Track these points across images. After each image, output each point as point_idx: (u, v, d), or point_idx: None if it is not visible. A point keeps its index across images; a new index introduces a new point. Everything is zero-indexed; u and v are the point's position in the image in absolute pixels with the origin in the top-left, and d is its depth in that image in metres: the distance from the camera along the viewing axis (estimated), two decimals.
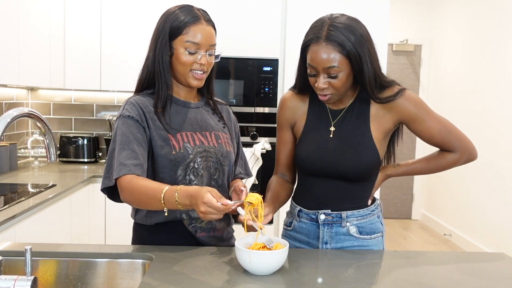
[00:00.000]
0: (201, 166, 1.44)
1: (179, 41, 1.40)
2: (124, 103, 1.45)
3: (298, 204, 1.58)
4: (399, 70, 5.76)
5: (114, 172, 1.33)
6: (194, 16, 1.41)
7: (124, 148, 1.35)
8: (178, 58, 1.41)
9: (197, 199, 1.18)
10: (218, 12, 3.13)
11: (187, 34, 1.39)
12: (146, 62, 1.46)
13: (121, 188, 1.32)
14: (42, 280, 1.33)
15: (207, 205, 1.16)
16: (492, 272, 1.34)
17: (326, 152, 1.49)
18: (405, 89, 1.47)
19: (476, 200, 4.55)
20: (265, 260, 1.20)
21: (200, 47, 1.41)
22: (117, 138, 1.38)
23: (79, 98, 3.53)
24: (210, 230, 1.49)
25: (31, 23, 2.74)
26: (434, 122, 1.48)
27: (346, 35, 1.35)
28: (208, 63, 1.44)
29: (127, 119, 1.39)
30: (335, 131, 1.50)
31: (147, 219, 1.45)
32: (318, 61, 1.37)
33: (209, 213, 1.17)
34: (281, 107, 1.61)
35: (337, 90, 1.41)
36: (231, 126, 1.62)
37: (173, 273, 1.21)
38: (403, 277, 1.28)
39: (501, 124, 4.14)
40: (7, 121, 1.12)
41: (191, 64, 1.41)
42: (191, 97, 1.52)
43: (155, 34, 1.44)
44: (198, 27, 1.40)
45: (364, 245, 1.52)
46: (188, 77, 1.43)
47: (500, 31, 4.21)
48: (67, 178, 2.79)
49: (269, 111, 3.19)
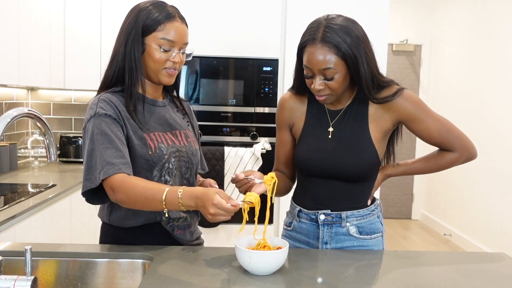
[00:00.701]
0: (174, 166, 1.44)
1: (153, 38, 1.37)
2: (92, 103, 1.38)
3: (298, 204, 1.58)
4: (399, 70, 5.76)
5: (100, 172, 1.27)
6: (168, 13, 1.38)
7: (107, 147, 1.30)
8: (151, 54, 1.38)
9: (205, 201, 1.17)
10: (218, 12, 3.13)
11: (162, 31, 1.36)
12: (114, 57, 1.41)
13: (113, 188, 1.27)
14: (42, 280, 1.33)
15: (217, 206, 1.15)
16: (492, 272, 1.34)
17: (325, 153, 1.49)
18: (403, 89, 1.47)
19: (476, 200, 4.55)
20: (265, 260, 1.20)
21: (174, 45, 1.38)
22: (96, 137, 1.31)
23: (79, 98, 3.53)
24: (186, 226, 1.50)
25: (31, 23, 2.74)
26: (433, 121, 1.48)
27: (342, 36, 1.34)
28: (181, 61, 1.42)
29: (104, 117, 1.33)
30: (333, 131, 1.50)
31: (124, 221, 1.42)
32: (314, 63, 1.36)
33: (218, 215, 1.17)
34: (279, 108, 1.62)
35: (334, 91, 1.40)
36: (193, 123, 1.61)
37: (173, 273, 1.21)
38: (403, 277, 1.28)
39: (501, 124, 4.14)
40: (7, 121, 1.13)
41: (164, 62, 1.39)
42: (158, 95, 1.50)
43: (125, 29, 1.39)
44: (173, 24, 1.38)
45: (364, 245, 1.52)
46: (161, 74, 1.41)
47: (500, 31, 4.21)
48: (67, 178, 2.78)
49: (269, 111, 3.19)
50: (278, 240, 1.31)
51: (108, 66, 1.43)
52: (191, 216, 1.52)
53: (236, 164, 3.09)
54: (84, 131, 1.37)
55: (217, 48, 3.11)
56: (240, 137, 3.22)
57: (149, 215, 1.41)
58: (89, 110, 1.37)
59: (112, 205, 1.43)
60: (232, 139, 3.21)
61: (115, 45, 1.42)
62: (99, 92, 1.43)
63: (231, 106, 3.19)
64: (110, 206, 1.44)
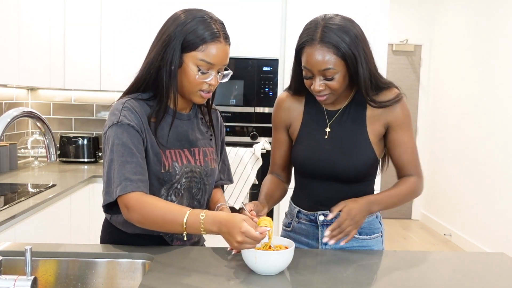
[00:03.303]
0: (184, 186, 1.38)
1: (192, 57, 1.27)
2: (115, 108, 1.30)
3: (297, 205, 1.58)
4: (399, 70, 5.76)
5: (118, 187, 1.22)
6: (213, 32, 1.27)
7: (127, 161, 1.23)
8: (187, 74, 1.28)
9: (231, 228, 1.13)
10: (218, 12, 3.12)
11: (203, 52, 1.26)
12: (148, 64, 1.32)
13: (128, 207, 1.21)
14: (42, 280, 1.33)
15: (245, 235, 1.12)
16: (492, 272, 1.34)
17: (322, 153, 1.48)
18: (402, 97, 1.47)
19: (476, 200, 4.55)
20: (270, 260, 1.20)
21: (213, 67, 1.29)
22: (116, 147, 1.25)
23: (79, 98, 3.53)
24: (187, 240, 1.46)
25: (31, 23, 2.74)
26: (410, 138, 1.48)
27: (341, 36, 1.33)
28: (217, 83, 1.33)
29: (127, 127, 1.26)
30: (330, 132, 1.50)
31: (124, 226, 1.40)
32: (313, 63, 1.35)
33: (245, 243, 1.13)
34: (276, 108, 1.60)
35: (335, 90, 1.40)
36: (218, 134, 1.53)
37: (173, 273, 1.21)
38: (402, 277, 1.28)
39: (501, 124, 4.14)
40: (7, 121, 1.12)
41: (200, 84, 1.29)
42: (186, 106, 1.41)
43: (165, 39, 1.28)
44: (216, 46, 1.27)
45: (364, 246, 1.52)
46: (194, 95, 1.32)
47: (500, 31, 4.21)
48: (67, 178, 2.79)
49: (269, 111, 3.19)
50: (284, 241, 1.31)
51: (141, 71, 1.34)
52: None
53: (236, 164, 3.09)
54: (104, 137, 1.30)
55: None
56: (240, 137, 3.23)
57: None
58: (112, 116, 1.29)
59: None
60: (232, 139, 3.21)
61: (150, 51, 1.33)
62: (125, 95, 1.36)
63: (231, 106, 3.20)
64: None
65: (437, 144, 5.51)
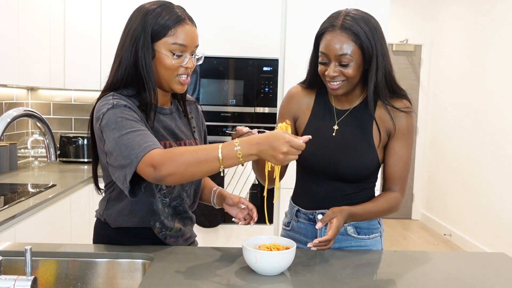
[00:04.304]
0: None
1: (163, 43, 1.29)
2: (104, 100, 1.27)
3: (296, 204, 1.59)
4: (399, 70, 5.76)
5: (137, 152, 1.17)
6: (178, 16, 1.30)
7: (138, 131, 1.20)
8: (162, 62, 1.30)
9: (274, 141, 1.13)
10: (218, 12, 3.13)
11: (172, 36, 1.29)
12: (121, 63, 1.31)
13: (155, 164, 1.15)
14: (42, 280, 1.33)
15: (290, 144, 1.13)
16: (492, 272, 1.34)
17: (327, 151, 1.48)
18: (412, 111, 1.47)
19: (476, 200, 4.55)
20: (271, 261, 1.20)
21: (186, 49, 1.31)
22: (121, 123, 1.21)
23: (79, 98, 3.53)
24: (179, 236, 1.47)
25: (31, 23, 2.74)
26: (407, 152, 1.48)
27: (362, 25, 1.37)
28: (192, 66, 1.35)
29: (124, 108, 1.25)
30: (338, 130, 1.50)
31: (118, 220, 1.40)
32: (331, 49, 1.37)
33: (291, 153, 1.14)
34: (287, 98, 1.60)
35: (349, 78, 1.40)
36: (200, 125, 1.56)
37: (174, 273, 1.21)
38: (402, 277, 1.28)
39: (501, 124, 4.14)
40: (7, 121, 1.12)
41: (177, 69, 1.31)
42: (166, 101, 1.42)
43: (132, 33, 1.30)
44: (184, 28, 1.30)
45: (362, 245, 1.52)
46: (173, 83, 1.34)
47: (500, 31, 4.21)
48: (67, 178, 2.79)
49: (269, 111, 3.19)
50: (286, 241, 1.31)
51: (114, 71, 1.34)
52: (185, 225, 1.49)
53: None
54: (99, 126, 1.25)
55: (217, 48, 3.11)
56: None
57: (144, 216, 1.38)
58: (103, 105, 1.27)
59: (110, 200, 1.42)
60: None
61: (120, 48, 1.34)
62: (104, 94, 1.33)
63: (231, 106, 3.19)
64: (107, 201, 1.42)
65: (437, 144, 5.51)
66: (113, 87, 1.33)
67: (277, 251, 1.23)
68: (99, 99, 1.33)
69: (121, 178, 1.21)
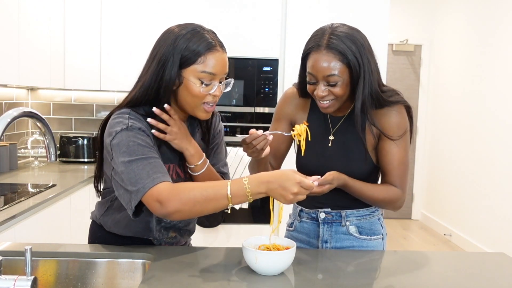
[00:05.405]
0: None
1: (192, 71, 1.25)
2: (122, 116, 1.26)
3: (299, 204, 1.59)
4: (399, 70, 5.76)
5: (145, 182, 1.16)
6: (209, 43, 1.25)
7: (149, 160, 1.19)
8: (190, 89, 1.25)
9: (284, 181, 1.14)
10: (218, 12, 3.13)
11: (202, 64, 1.24)
12: (145, 85, 1.27)
13: (161, 199, 1.15)
14: (42, 280, 1.33)
15: (300, 185, 1.14)
16: (492, 272, 1.34)
17: (324, 159, 1.49)
18: (403, 105, 1.45)
19: (476, 200, 4.55)
20: (271, 261, 1.20)
21: (215, 78, 1.27)
22: (133, 148, 1.20)
23: (79, 98, 3.53)
24: (174, 243, 1.47)
25: (31, 23, 2.74)
26: (400, 151, 1.45)
27: (347, 43, 1.33)
28: (220, 93, 1.31)
29: (138, 131, 1.23)
30: (334, 140, 1.50)
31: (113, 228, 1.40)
32: (319, 69, 1.35)
33: (301, 194, 1.15)
34: (284, 100, 1.59)
35: (338, 97, 1.39)
36: (214, 139, 1.50)
37: (174, 273, 1.21)
38: (402, 277, 1.28)
39: (501, 124, 4.14)
40: (7, 121, 1.12)
41: (204, 97, 1.27)
42: (183, 117, 1.38)
43: (160, 59, 1.25)
44: (214, 55, 1.25)
45: (364, 246, 1.52)
46: (198, 110, 1.29)
47: (500, 31, 4.21)
48: (67, 178, 2.78)
49: (269, 111, 3.19)
50: (286, 241, 1.31)
51: (136, 90, 1.30)
52: (182, 235, 1.49)
53: (236, 164, 3.09)
54: (110, 144, 1.23)
55: None
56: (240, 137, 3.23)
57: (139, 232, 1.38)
58: (117, 124, 1.24)
59: (110, 208, 1.41)
60: (232, 139, 3.21)
61: (146, 70, 1.29)
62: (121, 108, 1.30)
63: (231, 106, 3.20)
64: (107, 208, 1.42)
65: (437, 144, 5.51)
66: (130, 105, 1.31)
67: (277, 251, 1.23)
68: (114, 111, 1.31)
69: (125, 199, 1.22)
